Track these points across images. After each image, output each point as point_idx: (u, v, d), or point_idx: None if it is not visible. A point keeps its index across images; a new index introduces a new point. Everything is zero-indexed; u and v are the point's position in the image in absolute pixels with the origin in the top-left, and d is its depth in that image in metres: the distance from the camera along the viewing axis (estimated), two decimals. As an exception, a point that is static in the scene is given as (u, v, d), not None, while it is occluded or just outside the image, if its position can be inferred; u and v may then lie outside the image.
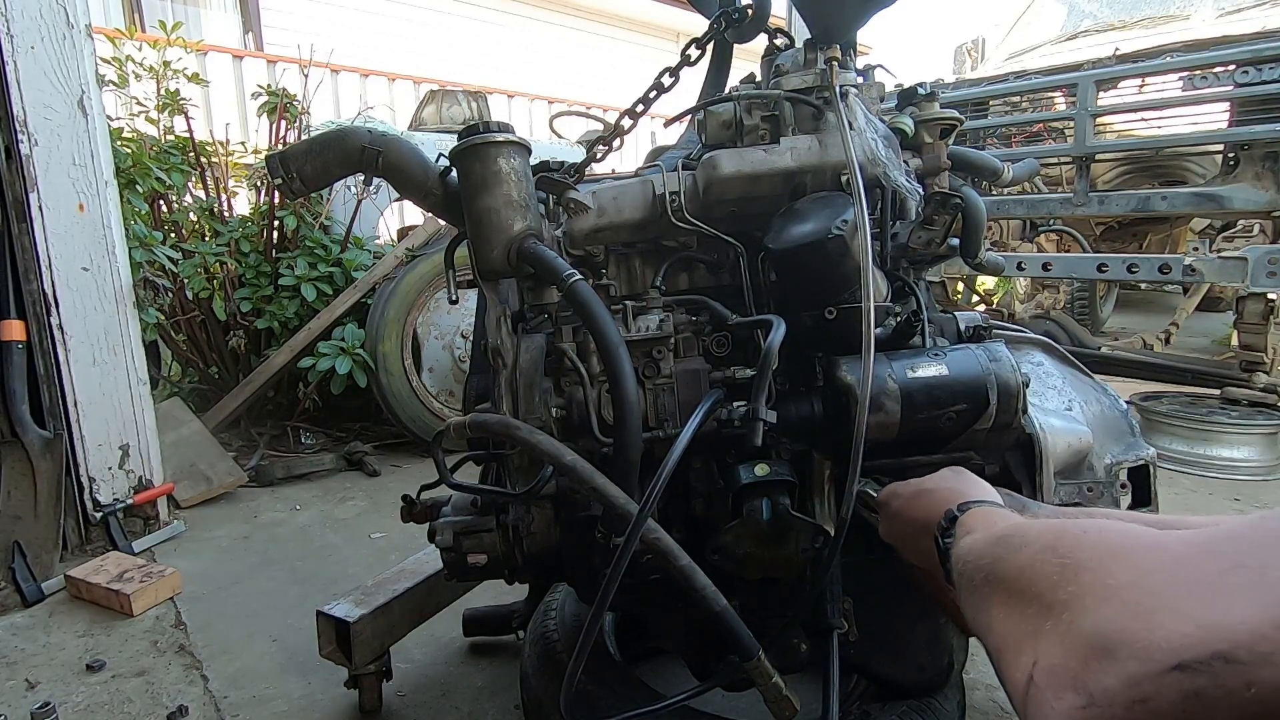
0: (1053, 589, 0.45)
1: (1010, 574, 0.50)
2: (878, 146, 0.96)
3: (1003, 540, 0.54)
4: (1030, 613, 0.46)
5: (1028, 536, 0.51)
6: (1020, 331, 1.27)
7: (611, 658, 1.26)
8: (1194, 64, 2.78)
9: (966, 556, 0.59)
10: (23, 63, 2.01)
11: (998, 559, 0.53)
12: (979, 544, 0.58)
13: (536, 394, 0.97)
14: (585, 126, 5.34)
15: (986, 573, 0.54)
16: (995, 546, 0.55)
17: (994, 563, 0.53)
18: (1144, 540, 0.43)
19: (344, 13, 7.79)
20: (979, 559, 0.56)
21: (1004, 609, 0.49)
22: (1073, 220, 3.72)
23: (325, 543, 2.28)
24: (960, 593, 0.60)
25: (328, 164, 1.01)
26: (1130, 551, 0.43)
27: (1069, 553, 0.46)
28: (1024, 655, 0.45)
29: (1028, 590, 0.47)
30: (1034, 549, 0.49)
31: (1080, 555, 0.45)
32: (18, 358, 2.07)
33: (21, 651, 1.69)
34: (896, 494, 0.84)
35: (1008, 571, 0.51)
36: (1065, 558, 0.46)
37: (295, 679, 1.56)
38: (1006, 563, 0.52)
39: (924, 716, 1.07)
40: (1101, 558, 0.44)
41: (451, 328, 3.17)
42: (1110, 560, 0.43)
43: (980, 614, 0.53)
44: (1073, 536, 0.47)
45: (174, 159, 3.02)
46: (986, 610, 0.52)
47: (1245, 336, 2.96)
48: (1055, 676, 0.41)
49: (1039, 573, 0.47)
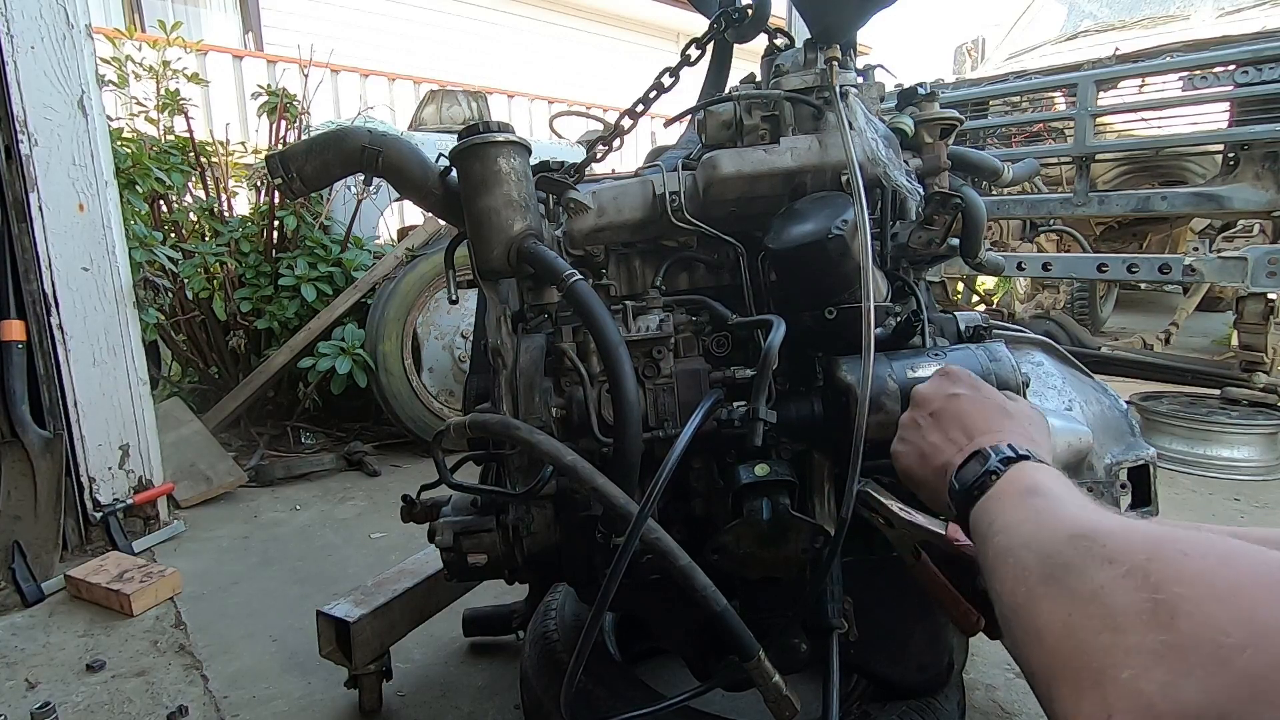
0: (1142, 628, 0.37)
1: (1083, 587, 0.42)
2: (878, 146, 0.96)
3: (1078, 542, 0.46)
4: (1104, 646, 0.39)
5: (1112, 546, 0.43)
6: (1020, 331, 1.27)
7: (611, 658, 1.26)
8: (1194, 64, 2.78)
9: (1018, 534, 0.52)
10: (23, 63, 2.01)
11: (1069, 564, 0.45)
12: (1045, 531, 0.50)
13: (536, 394, 0.97)
14: (585, 126, 5.34)
15: (1048, 571, 0.46)
16: (1067, 547, 0.46)
17: (1064, 567, 0.45)
18: (1257, 573, 0.36)
19: (344, 13, 7.80)
20: (1041, 548, 0.48)
21: (1064, 623, 0.42)
22: (1073, 220, 3.72)
23: (325, 543, 2.28)
24: (990, 561, 0.53)
25: (328, 164, 1.01)
26: (1240, 589, 0.35)
27: (1163, 584, 0.38)
28: (1089, 699, 0.38)
29: (1106, 618, 0.40)
30: (1120, 568, 0.41)
31: (1177, 590, 0.37)
32: (18, 358, 2.07)
33: (21, 651, 1.69)
34: (928, 398, 0.76)
35: (1079, 584, 0.43)
36: (1159, 592, 0.38)
37: (295, 679, 1.56)
38: (1080, 572, 0.43)
39: (924, 716, 1.07)
40: (1205, 597, 0.36)
41: (451, 328, 3.17)
42: (1219, 604, 0.35)
43: (1024, 610, 0.46)
44: (1170, 560, 0.39)
45: (174, 159, 3.02)
46: (1034, 608, 0.45)
47: (1245, 336, 2.96)
48: None
49: (1121, 600, 0.39)
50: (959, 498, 0.64)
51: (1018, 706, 1.40)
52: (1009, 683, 1.46)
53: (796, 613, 0.92)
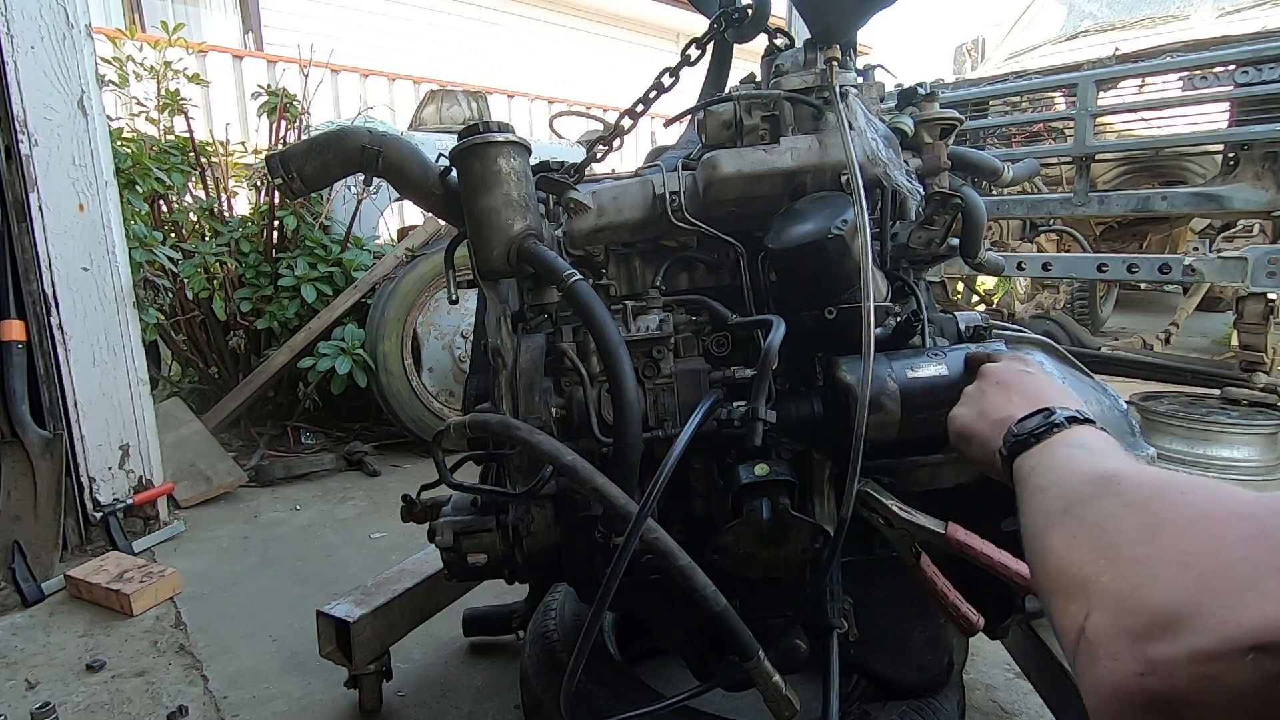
0: (1128, 543, 0.43)
1: (1091, 515, 0.48)
2: (878, 146, 0.96)
3: (1098, 482, 0.51)
4: (1094, 560, 0.44)
5: (1126, 485, 0.48)
6: (1020, 331, 1.27)
7: (611, 658, 1.26)
8: (1194, 64, 2.77)
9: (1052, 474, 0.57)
10: (23, 63, 2.01)
11: (1085, 499, 0.50)
12: (1075, 473, 0.55)
13: (536, 394, 0.97)
14: (585, 126, 5.34)
15: (1067, 504, 0.51)
16: (1089, 485, 0.52)
17: (1081, 500, 0.50)
18: (1235, 507, 0.41)
19: (344, 13, 7.79)
20: (1068, 485, 0.54)
21: (1067, 544, 0.47)
22: (1073, 220, 3.72)
23: (325, 543, 2.28)
24: (1025, 498, 0.58)
25: (328, 164, 1.01)
26: (1217, 518, 0.41)
27: (1157, 512, 0.44)
28: (1076, 602, 0.43)
29: (1100, 537, 0.45)
30: (1126, 499, 0.47)
31: (1166, 516, 0.43)
32: (18, 358, 2.07)
33: (21, 651, 1.69)
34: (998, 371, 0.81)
35: (1089, 512, 0.48)
36: (1151, 517, 0.44)
37: (295, 679, 1.56)
38: (1093, 503, 0.49)
39: (924, 716, 1.07)
40: (1186, 522, 0.41)
41: (451, 328, 3.17)
42: (1194, 526, 0.41)
43: (1040, 536, 0.51)
44: (1168, 498, 0.45)
45: (174, 159, 3.02)
46: (1047, 534, 0.50)
47: (1245, 336, 2.96)
48: (1112, 637, 0.39)
49: (1119, 524, 0.45)
50: (1013, 442, 0.67)
51: (1018, 706, 1.40)
52: (1009, 683, 1.46)
53: (797, 613, 0.92)
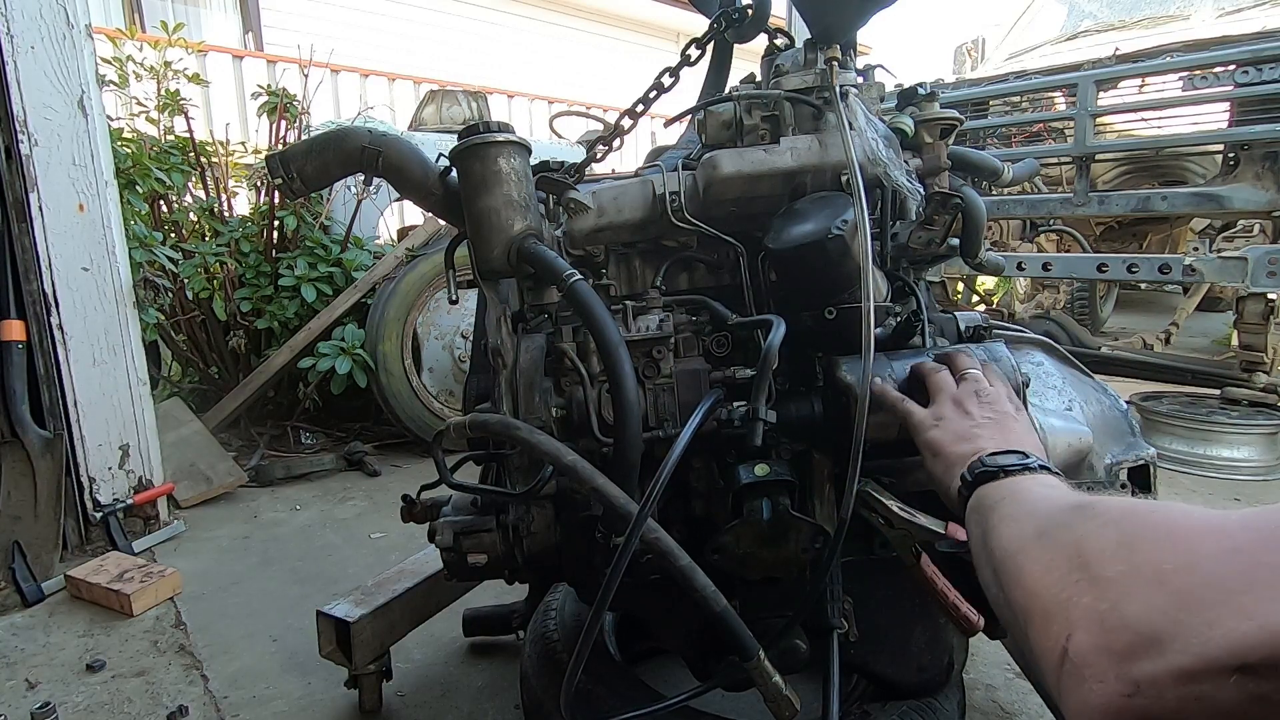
0: (1102, 562, 0.43)
1: (1066, 537, 0.48)
2: (878, 146, 0.96)
3: (1075, 510, 0.52)
4: (1072, 579, 0.44)
5: (1099, 507, 0.49)
6: (1020, 331, 1.27)
7: (611, 658, 1.26)
8: (1194, 64, 2.78)
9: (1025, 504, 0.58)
10: (23, 63, 2.01)
11: (1062, 524, 0.51)
12: (1049, 503, 0.56)
13: (536, 394, 0.97)
14: (585, 126, 5.34)
15: (1043, 529, 0.52)
16: (1065, 513, 0.52)
17: (1057, 525, 0.51)
18: (1206, 523, 0.41)
19: (344, 13, 7.80)
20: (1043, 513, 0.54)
21: (1044, 566, 0.48)
22: (1073, 220, 3.72)
23: (325, 543, 2.28)
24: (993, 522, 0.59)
25: (328, 164, 1.01)
26: (1189, 534, 0.41)
27: (1130, 530, 0.44)
28: (1056, 623, 0.43)
29: (1076, 557, 0.45)
30: (1101, 519, 0.47)
31: (1140, 534, 0.43)
32: (18, 358, 2.07)
33: (21, 651, 1.69)
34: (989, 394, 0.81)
35: (1064, 535, 0.49)
36: (1125, 536, 0.44)
37: (295, 679, 1.56)
38: (1068, 528, 0.50)
39: (924, 716, 1.07)
40: (1160, 537, 0.42)
41: (451, 328, 3.17)
42: (1168, 541, 0.41)
43: (1012, 559, 0.52)
44: (1139, 515, 0.45)
45: (174, 159, 3.02)
46: (1020, 558, 0.51)
47: (1245, 336, 2.96)
48: (1095, 658, 0.39)
49: (1093, 543, 0.45)
50: (980, 471, 0.68)
51: (1018, 706, 1.40)
52: (1009, 683, 1.46)
53: (797, 613, 0.92)
